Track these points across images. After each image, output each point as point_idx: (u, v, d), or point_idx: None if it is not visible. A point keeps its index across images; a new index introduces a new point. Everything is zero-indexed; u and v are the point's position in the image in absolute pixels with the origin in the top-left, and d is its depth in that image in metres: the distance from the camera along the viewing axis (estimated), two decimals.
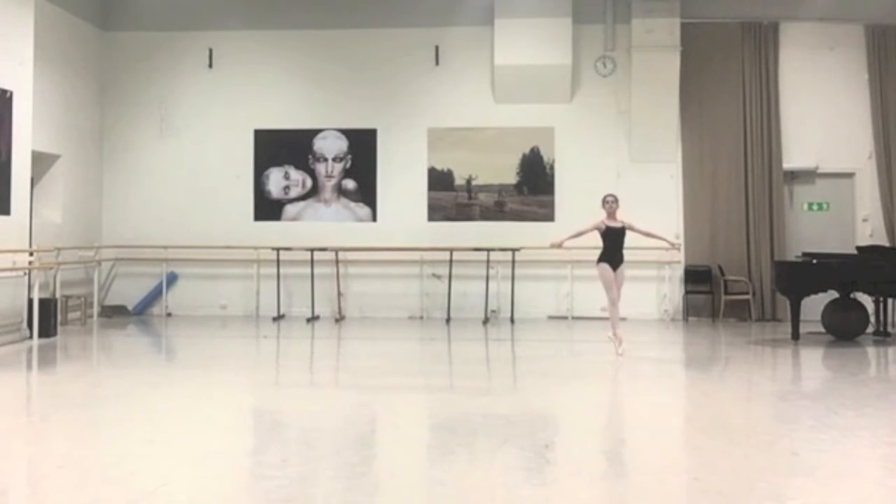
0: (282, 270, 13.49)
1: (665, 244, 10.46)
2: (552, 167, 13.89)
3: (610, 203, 9.98)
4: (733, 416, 6.95)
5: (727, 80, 13.62)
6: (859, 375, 9.05)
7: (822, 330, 11.38)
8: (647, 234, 10.22)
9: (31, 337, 10.80)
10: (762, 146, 13.48)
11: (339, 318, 13.56)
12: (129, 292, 14.22)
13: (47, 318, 11.05)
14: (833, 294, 11.32)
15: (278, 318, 13.47)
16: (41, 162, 12.44)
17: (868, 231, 13.46)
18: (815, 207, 13.79)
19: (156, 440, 5.95)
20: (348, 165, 14.18)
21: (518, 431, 6.32)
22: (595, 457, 5.56)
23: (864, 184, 13.57)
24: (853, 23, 13.57)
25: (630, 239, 13.37)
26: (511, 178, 13.93)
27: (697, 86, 13.61)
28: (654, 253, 13.55)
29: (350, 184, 14.17)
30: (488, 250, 13.12)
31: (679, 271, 13.64)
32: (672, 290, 13.67)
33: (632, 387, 8.38)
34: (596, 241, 13.38)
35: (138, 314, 14.07)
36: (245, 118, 14.25)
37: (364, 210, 14.11)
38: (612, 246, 9.90)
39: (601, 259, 9.91)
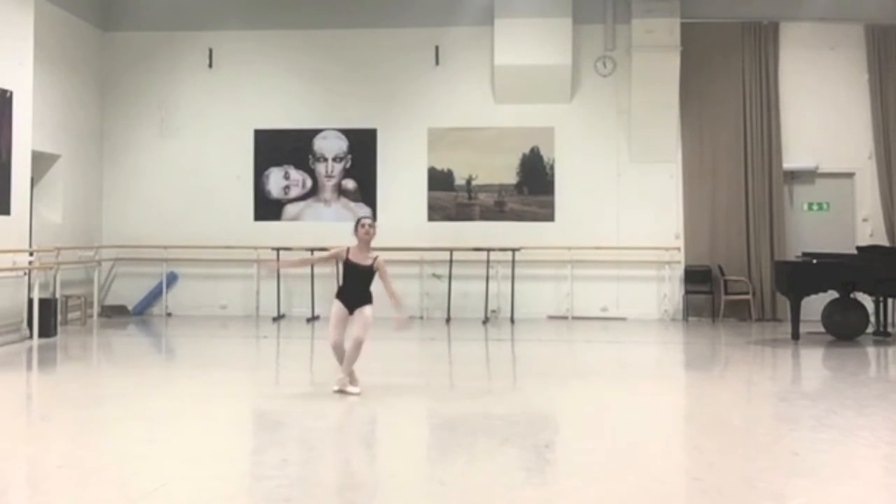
0: (282, 270, 13.48)
1: (396, 314, 7.61)
2: (552, 167, 13.88)
3: (367, 229, 7.55)
4: (733, 416, 6.95)
5: (727, 80, 13.61)
6: (859, 375, 9.04)
7: (822, 330, 11.37)
8: (390, 293, 7.49)
9: (31, 337, 10.79)
10: (762, 146, 13.47)
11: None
12: (129, 292, 14.21)
13: (47, 318, 11.05)
14: (833, 294, 11.32)
15: (278, 318, 13.47)
16: (41, 162, 12.44)
17: (868, 231, 13.45)
18: (815, 207, 13.78)
19: (156, 440, 5.95)
20: (348, 165, 14.18)
21: (518, 431, 6.32)
22: (595, 457, 5.55)
23: (864, 184, 13.56)
24: (853, 23, 13.57)
25: (630, 239, 13.59)
26: (511, 178, 13.93)
27: (697, 86, 13.60)
28: (654, 253, 13.59)
29: (350, 184, 14.16)
30: (488, 250, 13.12)
31: (679, 271, 13.64)
32: (672, 290, 13.66)
33: (632, 387, 8.38)
34: (598, 238, 13.57)
35: (138, 314, 14.06)
36: (245, 118, 14.25)
37: (364, 210, 14.09)
38: (351, 283, 7.51)
39: (337, 295, 7.61)
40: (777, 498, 4.74)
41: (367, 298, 7.54)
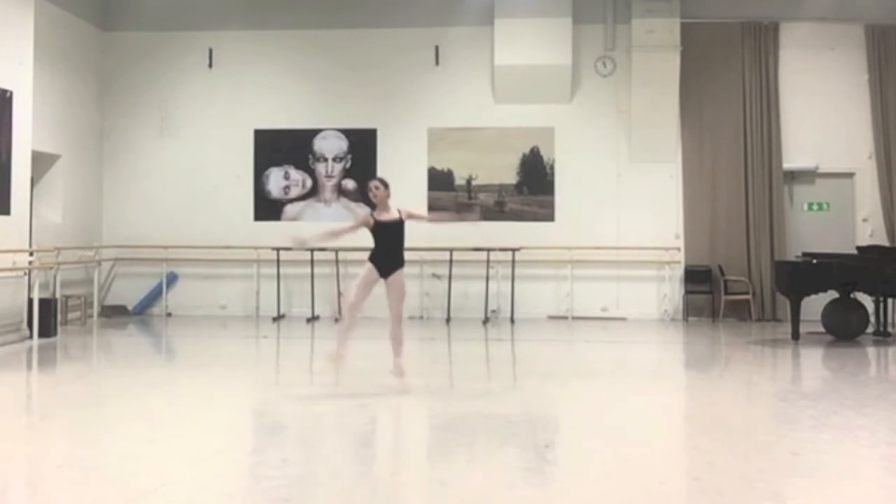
0: (282, 270, 13.48)
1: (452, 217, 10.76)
2: (552, 167, 13.88)
3: (374, 191, 7.73)
4: (733, 416, 6.95)
5: (727, 80, 13.61)
6: (859, 375, 9.05)
7: (822, 330, 11.37)
8: (434, 217, 9.54)
9: (31, 337, 10.79)
10: (762, 146, 13.47)
11: (340, 318, 13.52)
12: (129, 292, 14.21)
13: (47, 318, 11.04)
14: (833, 294, 11.32)
15: (278, 318, 13.47)
16: (41, 162, 12.44)
17: (868, 231, 13.46)
18: (815, 207, 13.78)
19: (156, 440, 5.95)
20: (348, 165, 14.18)
21: (518, 431, 6.32)
22: (595, 457, 5.56)
23: (864, 184, 13.56)
24: (853, 23, 13.57)
25: (630, 239, 13.59)
26: (511, 178, 13.93)
27: (697, 86, 13.60)
28: (654, 253, 13.59)
29: (350, 184, 14.16)
30: (488, 250, 13.12)
31: (679, 271, 13.63)
32: (672, 290, 13.66)
33: (632, 387, 8.38)
34: (598, 238, 13.56)
35: (138, 314, 14.07)
36: (245, 118, 14.25)
37: (364, 210, 14.01)
38: (385, 244, 7.76)
39: (370, 258, 7.81)
40: (777, 498, 4.74)
41: (400, 260, 7.84)
